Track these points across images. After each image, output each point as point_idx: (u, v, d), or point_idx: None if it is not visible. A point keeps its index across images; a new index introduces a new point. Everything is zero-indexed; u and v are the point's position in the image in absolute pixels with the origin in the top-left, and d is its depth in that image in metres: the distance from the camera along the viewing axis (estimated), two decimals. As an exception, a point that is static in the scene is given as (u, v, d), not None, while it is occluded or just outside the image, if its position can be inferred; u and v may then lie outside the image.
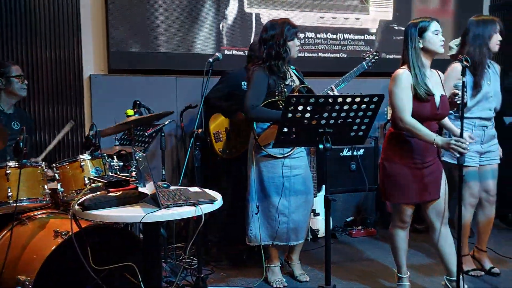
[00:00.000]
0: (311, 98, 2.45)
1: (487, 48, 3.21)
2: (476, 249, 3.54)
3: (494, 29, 3.21)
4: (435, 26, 2.79)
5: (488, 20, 3.25)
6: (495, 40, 3.22)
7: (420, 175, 2.82)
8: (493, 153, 3.36)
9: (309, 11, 4.55)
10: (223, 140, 3.60)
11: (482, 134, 3.28)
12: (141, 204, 2.27)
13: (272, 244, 3.26)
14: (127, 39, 3.99)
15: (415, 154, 2.80)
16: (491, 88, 3.27)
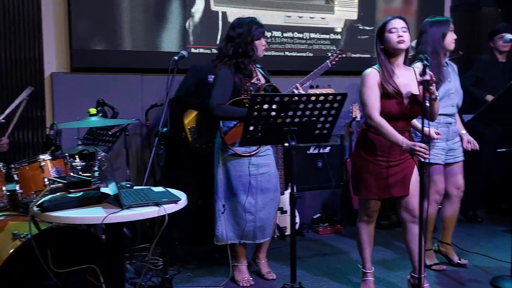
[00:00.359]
0: (276, 97, 2.46)
1: (441, 47, 3.28)
2: (442, 244, 3.62)
3: (448, 28, 3.28)
4: (391, 24, 2.81)
5: (442, 20, 3.33)
6: (450, 39, 3.28)
7: (385, 172, 2.85)
8: (457, 150, 3.43)
9: (276, 10, 4.56)
10: (198, 134, 3.59)
11: (447, 131, 3.34)
12: (103, 204, 2.22)
13: (239, 243, 3.26)
14: (90, 37, 3.91)
15: (381, 152, 2.83)
16: (452, 85, 3.35)
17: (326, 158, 4.65)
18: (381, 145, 2.83)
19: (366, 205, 2.99)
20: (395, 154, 2.84)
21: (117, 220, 2.07)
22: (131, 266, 3.27)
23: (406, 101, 2.78)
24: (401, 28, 2.79)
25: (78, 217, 2.13)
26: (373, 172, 2.86)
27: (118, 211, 2.06)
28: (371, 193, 2.91)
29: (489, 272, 3.45)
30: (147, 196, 2.25)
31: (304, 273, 3.48)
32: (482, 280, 3.33)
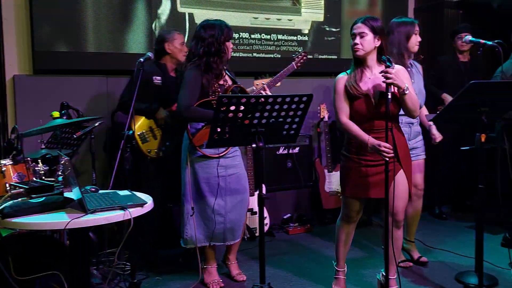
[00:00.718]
0: (243, 98, 2.46)
1: (406, 48, 3.34)
2: (405, 241, 3.68)
3: (413, 30, 3.35)
4: (352, 29, 2.85)
5: (408, 22, 3.39)
6: (414, 41, 3.36)
7: (368, 172, 2.84)
8: (419, 148, 3.50)
9: (243, 11, 4.56)
10: (150, 140, 3.52)
11: (409, 131, 3.41)
12: (67, 209, 2.18)
13: (209, 245, 3.24)
14: (53, 39, 3.83)
15: (365, 151, 2.82)
16: (415, 86, 3.40)
17: (296, 158, 4.68)
18: (359, 144, 2.84)
19: (345, 203, 3.00)
20: (377, 154, 2.80)
21: (81, 225, 2.03)
22: (98, 272, 3.21)
23: (375, 101, 2.80)
24: (359, 33, 2.79)
25: (40, 223, 2.08)
26: (356, 171, 2.88)
27: (81, 216, 2.02)
28: (348, 190, 2.94)
29: (454, 268, 3.53)
30: (112, 200, 2.21)
31: (274, 274, 3.49)
32: (448, 275, 3.40)
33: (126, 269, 3.31)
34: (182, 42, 3.67)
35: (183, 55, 3.62)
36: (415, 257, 3.63)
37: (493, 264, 3.52)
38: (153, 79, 3.54)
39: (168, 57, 3.64)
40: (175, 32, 3.69)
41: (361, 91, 2.80)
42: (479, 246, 3.10)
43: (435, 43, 5.44)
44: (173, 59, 3.65)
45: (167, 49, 3.61)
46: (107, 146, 3.91)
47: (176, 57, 3.64)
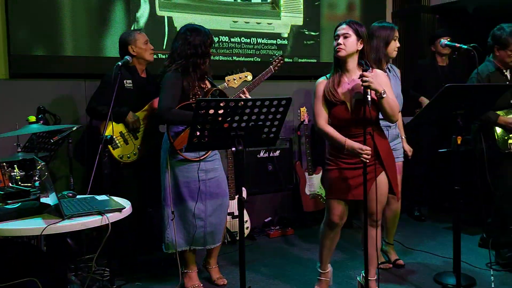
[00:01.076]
0: (222, 102, 2.45)
1: (384, 54, 3.38)
2: (384, 243, 3.72)
3: (393, 36, 3.38)
4: (335, 31, 2.87)
5: (388, 27, 3.42)
6: (393, 47, 3.39)
7: (350, 175, 2.86)
8: (397, 151, 3.52)
9: (222, 15, 4.57)
10: (121, 145, 3.46)
11: (387, 134, 3.42)
12: (44, 215, 2.15)
13: (189, 249, 3.22)
14: (30, 42, 3.78)
15: (346, 154, 2.84)
16: (393, 89, 3.44)
17: (276, 161, 4.69)
18: (338, 148, 2.86)
19: (328, 207, 2.99)
20: (357, 158, 2.81)
21: (58, 231, 2.00)
22: (76, 278, 3.17)
23: (351, 107, 2.81)
24: (343, 34, 2.81)
25: (17, 229, 2.05)
26: (338, 174, 2.89)
27: (58, 222, 1.99)
28: (331, 193, 2.95)
29: (433, 268, 3.58)
30: (90, 205, 2.19)
31: (255, 277, 3.49)
32: (426, 276, 3.44)
33: (105, 274, 3.26)
34: (145, 41, 3.57)
35: (149, 54, 3.58)
36: (392, 259, 3.66)
37: (470, 264, 3.58)
38: (124, 83, 3.50)
39: (135, 59, 3.54)
40: (136, 32, 3.60)
41: (338, 98, 2.82)
42: (457, 247, 3.15)
43: (412, 47, 5.52)
44: (140, 59, 3.57)
45: (131, 51, 3.52)
46: (85, 150, 3.86)
47: (142, 57, 3.56)
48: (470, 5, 5.38)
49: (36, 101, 3.55)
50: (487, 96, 3.09)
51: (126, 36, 3.59)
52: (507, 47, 3.64)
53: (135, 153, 3.47)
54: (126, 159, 3.44)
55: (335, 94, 2.82)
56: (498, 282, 3.25)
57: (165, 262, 3.63)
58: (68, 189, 3.13)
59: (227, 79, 3.41)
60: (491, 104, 3.27)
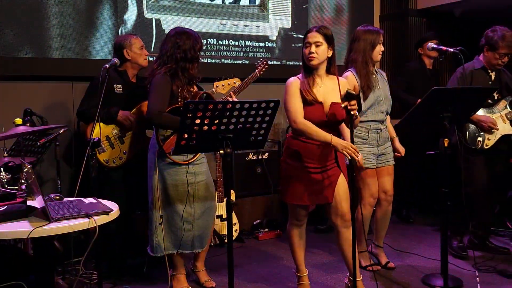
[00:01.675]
0: (210, 104, 2.45)
1: (369, 57, 3.40)
2: (374, 245, 3.74)
3: (378, 40, 3.41)
4: (307, 37, 2.89)
5: (374, 31, 3.45)
6: (378, 50, 3.42)
7: (313, 179, 2.91)
8: (388, 154, 3.54)
9: (210, 18, 4.57)
10: (107, 149, 3.44)
11: (377, 137, 3.46)
12: (30, 218, 2.13)
13: (177, 253, 3.21)
14: (16, 44, 3.74)
15: (309, 159, 2.90)
16: (381, 92, 3.48)
17: (265, 164, 4.70)
18: (307, 151, 2.90)
19: (294, 210, 3.05)
20: (324, 160, 2.91)
21: (45, 234, 1.99)
22: (64, 281, 3.14)
23: (326, 109, 2.88)
24: (314, 42, 2.85)
25: (3, 232, 2.03)
26: (301, 178, 2.93)
27: (45, 225, 1.98)
28: (298, 199, 2.96)
29: (420, 270, 3.60)
30: (77, 208, 2.17)
31: (244, 280, 3.49)
32: (414, 278, 3.47)
33: (93, 278, 3.24)
34: (141, 46, 3.56)
35: (144, 59, 3.57)
36: (383, 262, 3.67)
37: (458, 266, 3.62)
38: (114, 87, 3.48)
39: (129, 63, 3.54)
40: (132, 36, 3.57)
41: (316, 99, 2.87)
42: (444, 249, 3.17)
43: (399, 50, 5.57)
44: (134, 64, 3.56)
45: (126, 55, 3.51)
46: (73, 153, 3.83)
47: (137, 62, 3.55)
48: (457, 9, 5.45)
49: (23, 104, 3.52)
50: (473, 98, 3.12)
51: (122, 40, 3.56)
52: (495, 49, 3.68)
53: (121, 158, 3.45)
54: (111, 163, 3.42)
55: (313, 94, 2.87)
56: (484, 283, 3.28)
57: (153, 265, 3.61)
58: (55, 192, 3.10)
59: (215, 85, 3.41)
60: (477, 106, 3.31)
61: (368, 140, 3.42)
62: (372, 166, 3.44)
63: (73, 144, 3.69)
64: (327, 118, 2.88)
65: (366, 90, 3.38)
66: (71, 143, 3.87)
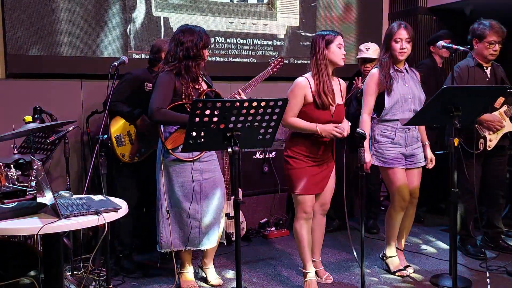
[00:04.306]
0: (218, 102, 2.46)
1: (390, 53, 3.32)
2: (395, 249, 3.57)
3: (392, 37, 3.29)
4: (339, 40, 3.07)
5: (391, 27, 3.36)
6: (396, 48, 3.29)
7: (317, 170, 3.14)
8: (418, 156, 3.41)
9: (218, 16, 4.58)
10: (126, 144, 3.48)
11: (405, 136, 3.33)
12: (40, 215, 2.15)
13: (185, 249, 3.22)
14: (26, 42, 3.78)
15: (312, 152, 3.11)
16: (409, 90, 3.34)
17: (272, 162, 4.70)
18: (309, 146, 3.11)
19: (300, 201, 3.16)
20: (323, 153, 3.14)
21: (54, 231, 2.00)
22: (73, 277, 3.17)
23: (332, 110, 3.09)
24: (343, 45, 3.12)
25: (13, 228, 2.04)
26: (306, 170, 3.11)
27: (55, 221, 1.99)
28: (307, 190, 3.12)
29: (429, 270, 3.58)
30: (86, 205, 2.19)
31: (250, 278, 3.50)
32: (422, 278, 3.45)
33: (101, 274, 3.26)
34: None
35: None
36: (402, 265, 3.54)
37: (467, 266, 3.60)
38: (145, 86, 3.51)
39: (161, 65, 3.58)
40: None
41: (332, 102, 3.07)
42: (453, 249, 3.11)
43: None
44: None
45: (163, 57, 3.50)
46: (82, 150, 3.86)
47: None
48: (467, 7, 5.41)
49: (33, 101, 3.55)
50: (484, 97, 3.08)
51: (162, 43, 3.57)
52: (484, 38, 3.60)
53: (138, 155, 3.48)
54: (127, 158, 3.46)
55: (331, 98, 3.05)
56: (494, 284, 3.26)
57: (161, 262, 3.63)
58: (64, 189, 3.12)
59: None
60: (487, 106, 3.28)
61: (395, 140, 3.31)
62: (401, 167, 3.34)
63: (82, 141, 3.71)
64: (332, 118, 3.08)
65: (388, 84, 3.29)
66: (80, 140, 3.89)
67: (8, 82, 3.78)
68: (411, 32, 3.30)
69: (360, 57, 4.44)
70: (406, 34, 3.26)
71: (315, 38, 3.11)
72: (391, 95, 3.29)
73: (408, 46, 3.28)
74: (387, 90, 3.30)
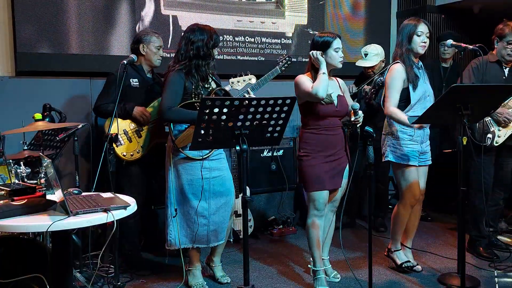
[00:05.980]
0: (226, 101, 2.47)
1: (407, 49, 3.31)
2: (402, 246, 3.58)
3: (414, 31, 3.29)
4: (336, 43, 3.09)
5: (410, 22, 3.35)
6: (417, 41, 3.29)
7: (330, 166, 3.14)
8: (428, 153, 3.44)
9: (226, 14, 4.58)
10: (125, 143, 3.47)
11: (422, 134, 3.34)
12: (49, 212, 2.17)
13: (192, 247, 3.24)
14: (36, 40, 3.80)
15: (324, 148, 3.12)
16: (427, 87, 3.37)
17: (280, 160, 4.70)
18: (320, 141, 3.12)
19: (315, 198, 3.15)
20: (336, 148, 3.16)
21: (63, 228, 2.02)
22: (81, 275, 3.19)
23: (336, 103, 3.14)
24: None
25: (23, 225, 2.06)
26: (320, 166, 3.11)
27: (64, 218, 2.01)
28: (322, 186, 3.12)
29: (437, 269, 3.57)
30: (95, 202, 2.20)
31: (258, 276, 3.50)
32: (430, 277, 3.44)
33: (110, 271, 3.28)
34: (158, 46, 3.56)
35: (157, 59, 3.57)
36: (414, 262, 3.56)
37: (475, 265, 3.58)
38: (130, 82, 3.51)
39: (143, 58, 3.56)
40: (154, 34, 3.58)
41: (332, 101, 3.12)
42: (461, 248, 3.12)
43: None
44: (147, 61, 3.57)
45: (141, 50, 3.53)
46: (91, 148, 3.88)
47: (150, 59, 3.56)
48: (475, 5, 5.37)
49: (42, 99, 3.57)
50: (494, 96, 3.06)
51: (142, 34, 3.58)
52: (503, 37, 3.66)
53: (138, 151, 3.48)
54: (129, 157, 3.45)
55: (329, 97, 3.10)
56: (503, 284, 3.25)
57: (169, 259, 3.65)
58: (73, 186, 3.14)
59: (231, 81, 3.42)
60: (496, 105, 3.25)
61: (414, 137, 3.31)
62: (415, 164, 3.33)
63: (92, 139, 3.73)
64: (337, 108, 3.15)
65: (414, 79, 3.28)
66: (90, 138, 3.91)
67: (18, 80, 3.81)
68: (429, 27, 3.35)
69: (358, 65, 4.43)
70: (426, 29, 3.30)
71: (313, 40, 3.15)
72: (416, 91, 3.29)
73: (427, 40, 3.30)
74: (413, 85, 3.28)
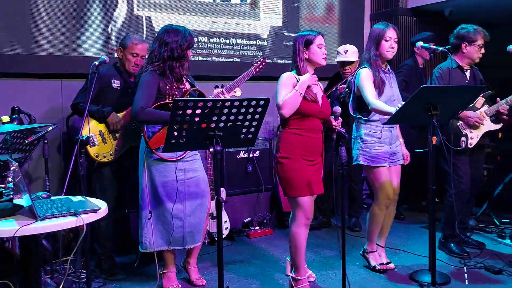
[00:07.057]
0: (200, 102, 2.45)
1: (375, 54, 3.36)
2: (376, 245, 3.61)
3: (383, 36, 3.34)
4: (319, 40, 3.06)
5: (379, 27, 3.39)
6: (385, 47, 3.35)
7: (312, 170, 3.05)
8: (398, 154, 3.48)
9: (201, 15, 4.56)
10: (99, 144, 3.43)
11: (390, 135, 3.40)
12: (17, 216, 2.11)
13: (168, 249, 3.20)
14: (4, 41, 3.72)
15: (305, 151, 3.02)
16: (393, 91, 3.43)
17: (256, 162, 4.70)
18: (302, 144, 3.02)
19: (302, 204, 3.04)
20: (314, 153, 3.06)
21: (31, 232, 1.97)
22: (52, 280, 3.12)
23: (320, 103, 3.07)
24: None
25: (-12, 231, 2.00)
26: (303, 170, 3.00)
27: (32, 223, 1.96)
28: (307, 190, 3.02)
29: (408, 266, 3.62)
30: (64, 206, 2.16)
31: (233, 278, 3.49)
32: (402, 274, 3.48)
33: (82, 276, 3.23)
34: (134, 53, 3.48)
35: (132, 66, 3.51)
36: (384, 261, 3.59)
37: (446, 262, 3.64)
38: (112, 83, 3.47)
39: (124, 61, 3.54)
40: (134, 40, 3.51)
41: (315, 99, 3.05)
42: (432, 246, 3.19)
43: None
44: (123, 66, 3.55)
45: (118, 53, 3.52)
46: (62, 151, 3.82)
47: (124, 64, 3.52)
48: (446, 8, 5.48)
49: (11, 101, 3.49)
50: (461, 96, 3.14)
51: (125, 38, 3.54)
52: (474, 41, 3.73)
53: (112, 153, 3.43)
54: (102, 158, 3.40)
55: (312, 94, 3.04)
56: (472, 279, 3.31)
57: (143, 263, 3.61)
58: (44, 190, 3.08)
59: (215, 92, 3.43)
60: (464, 105, 3.33)
61: (381, 139, 3.36)
62: (386, 165, 3.38)
63: (62, 141, 3.67)
64: (321, 109, 3.07)
65: (380, 85, 3.33)
66: (60, 141, 3.84)
67: (-14, 81, 3.72)
68: (398, 32, 3.39)
69: (339, 60, 4.47)
70: (395, 34, 3.35)
71: (296, 38, 3.12)
72: (381, 97, 3.33)
73: (395, 46, 3.35)
74: (379, 90, 3.33)
